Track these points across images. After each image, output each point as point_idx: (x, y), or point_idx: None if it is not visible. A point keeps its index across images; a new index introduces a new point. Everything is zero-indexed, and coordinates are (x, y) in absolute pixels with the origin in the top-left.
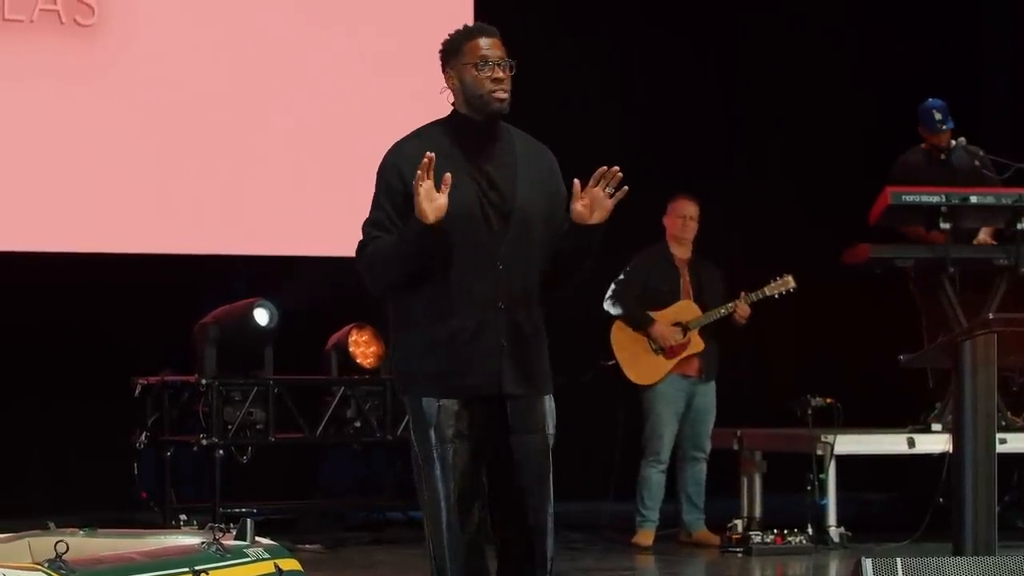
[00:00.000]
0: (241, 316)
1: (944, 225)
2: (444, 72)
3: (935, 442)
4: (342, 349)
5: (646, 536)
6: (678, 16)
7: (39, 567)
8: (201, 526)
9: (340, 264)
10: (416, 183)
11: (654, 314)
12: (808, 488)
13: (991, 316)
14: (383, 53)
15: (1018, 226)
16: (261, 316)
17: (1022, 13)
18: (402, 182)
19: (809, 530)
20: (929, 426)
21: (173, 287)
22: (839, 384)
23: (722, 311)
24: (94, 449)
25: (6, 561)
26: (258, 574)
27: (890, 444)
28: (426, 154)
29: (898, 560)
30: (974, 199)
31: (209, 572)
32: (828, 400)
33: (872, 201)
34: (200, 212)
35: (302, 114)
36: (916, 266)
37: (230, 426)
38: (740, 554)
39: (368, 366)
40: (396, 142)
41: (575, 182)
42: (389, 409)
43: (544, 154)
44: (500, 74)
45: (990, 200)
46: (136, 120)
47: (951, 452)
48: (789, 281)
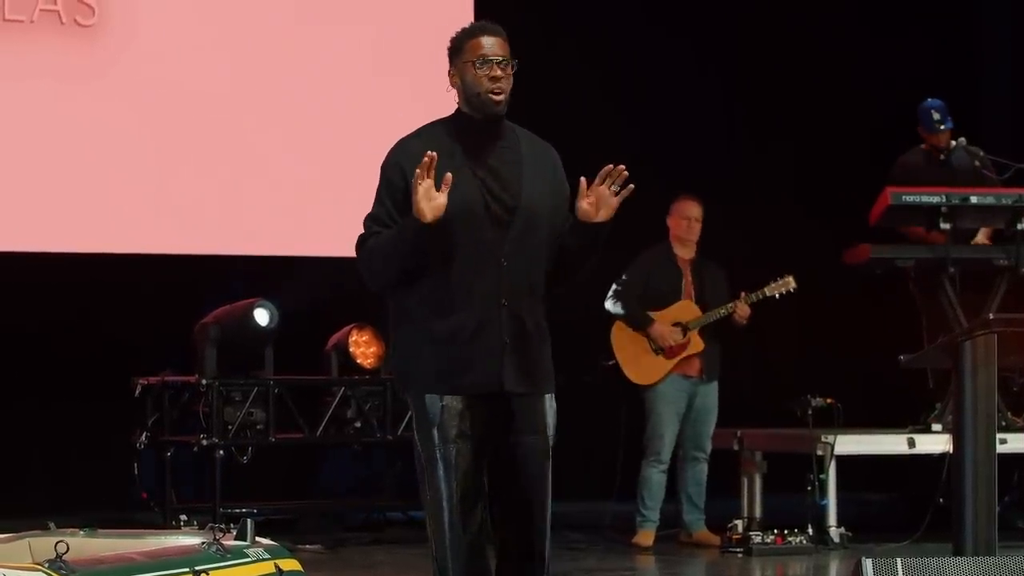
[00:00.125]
0: (241, 316)
1: (944, 225)
2: (449, 70)
3: (935, 442)
4: (342, 349)
5: (646, 536)
6: (678, 16)
7: (39, 567)
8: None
9: (340, 264)
10: (415, 182)
11: (654, 314)
12: (808, 488)
13: (991, 316)
14: (383, 53)
15: (1018, 226)
16: (261, 316)
17: (1022, 13)
18: (404, 179)
19: (809, 530)
20: (929, 426)
21: (173, 287)
22: (839, 384)
23: (722, 311)
24: (94, 449)
25: (6, 561)
26: (258, 574)
27: (890, 444)
28: (427, 153)
29: (898, 560)
30: (974, 199)
31: (209, 572)
32: (828, 400)
33: (872, 201)
34: (200, 212)
35: (302, 114)
36: (916, 266)
37: (230, 426)
38: (740, 554)
39: (368, 366)
40: (400, 139)
41: (581, 180)
42: (389, 409)
43: (548, 152)
44: (498, 73)
45: (990, 200)
46: (136, 120)
47: (951, 452)
48: (790, 282)
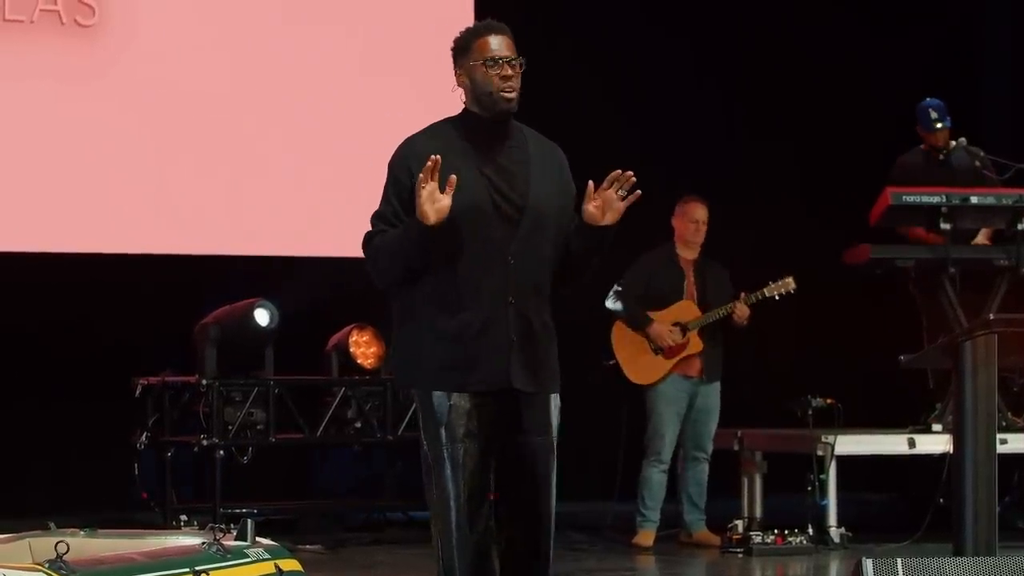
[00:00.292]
0: (242, 316)
1: (944, 226)
2: (455, 70)
3: (935, 443)
4: (343, 350)
5: (646, 536)
6: (678, 16)
7: (40, 567)
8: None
9: (340, 264)
10: (419, 185)
11: (653, 314)
12: (808, 488)
13: (991, 317)
14: (384, 53)
15: (1018, 226)
16: (262, 316)
17: (1022, 13)
18: (410, 178)
19: (809, 530)
20: (929, 427)
21: (174, 287)
22: (839, 384)
23: (721, 312)
24: (94, 449)
25: (7, 561)
26: (259, 574)
27: (890, 444)
28: (431, 157)
29: (898, 560)
30: (974, 199)
31: (210, 572)
32: (828, 400)
33: (872, 201)
34: (200, 212)
35: (302, 114)
36: (916, 266)
37: (230, 426)
38: (740, 554)
39: (369, 367)
40: (408, 137)
41: (589, 184)
42: (389, 409)
43: (555, 152)
44: (508, 72)
45: (990, 200)
46: (136, 120)
47: (951, 453)
48: (789, 283)
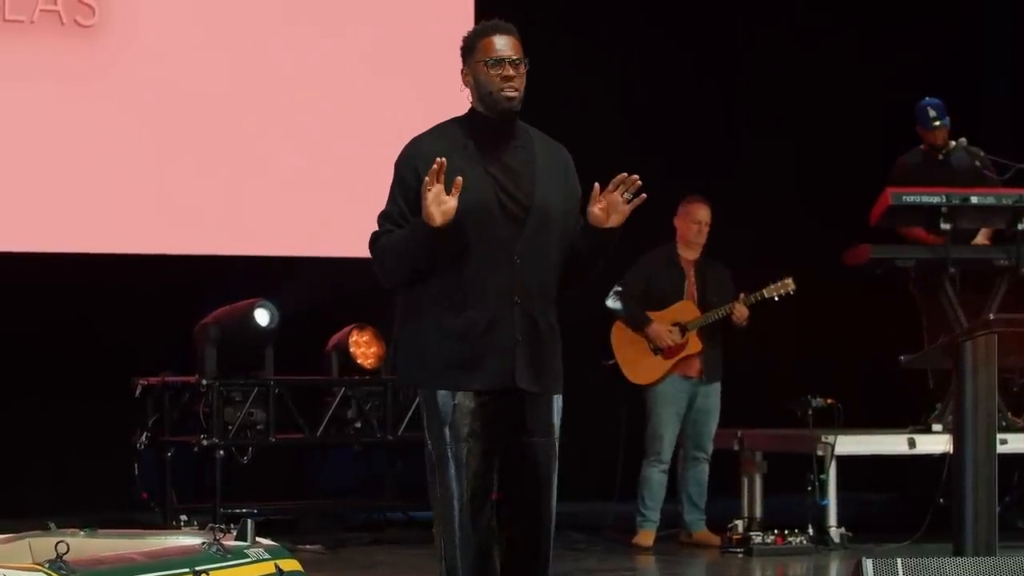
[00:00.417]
0: (242, 316)
1: (945, 226)
2: (462, 69)
3: (936, 443)
4: (343, 350)
5: (646, 536)
6: (678, 16)
7: (40, 567)
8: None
9: (340, 265)
10: (425, 187)
11: (653, 314)
12: (809, 489)
13: (992, 317)
14: (384, 53)
15: (1018, 226)
16: (262, 316)
17: (1022, 13)
18: (417, 178)
19: (810, 531)
20: (930, 427)
21: (174, 287)
22: (839, 385)
23: (720, 312)
24: (94, 449)
25: (7, 562)
26: (259, 575)
27: (891, 445)
28: (436, 159)
29: (899, 560)
30: (975, 200)
31: (210, 572)
32: (828, 400)
33: (873, 201)
34: (200, 212)
35: (302, 114)
36: (917, 267)
37: (230, 426)
38: (741, 554)
39: (369, 367)
40: (414, 137)
41: (595, 185)
42: (390, 410)
43: (561, 152)
44: (510, 72)
45: (990, 201)
46: (136, 120)
47: (951, 453)
48: (789, 284)
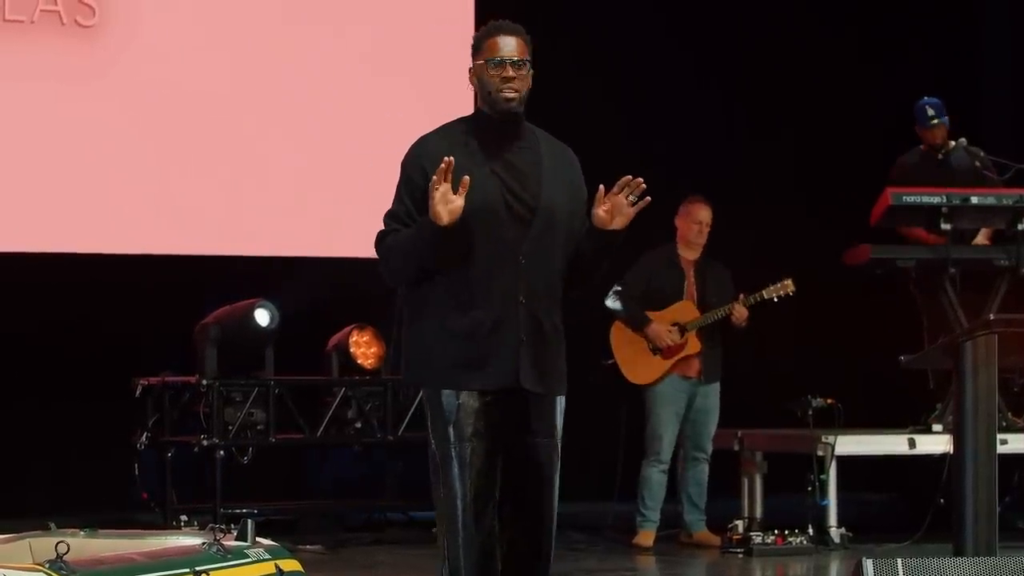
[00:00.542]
0: (242, 317)
1: (945, 226)
2: (469, 68)
3: (936, 443)
4: (343, 350)
5: (646, 537)
6: (679, 16)
7: (40, 568)
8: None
9: (341, 265)
10: (432, 186)
11: (652, 314)
12: (809, 489)
13: (992, 317)
14: (384, 53)
15: (1019, 227)
16: (262, 317)
17: (1022, 14)
18: (424, 178)
19: (810, 531)
20: (930, 427)
21: (174, 287)
22: (840, 385)
23: (719, 313)
24: (95, 449)
25: (7, 562)
26: (259, 575)
27: (891, 445)
28: (444, 159)
29: (899, 561)
30: (975, 200)
31: (210, 573)
32: (829, 401)
33: (873, 202)
34: (201, 213)
35: (303, 115)
36: (917, 267)
37: (231, 427)
38: (741, 555)
39: (369, 367)
40: (421, 136)
41: (600, 187)
42: (390, 410)
43: (567, 154)
44: (510, 73)
45: (991, 201)
46: (137, 121)
47: (952, 453)
48: (788, 285)
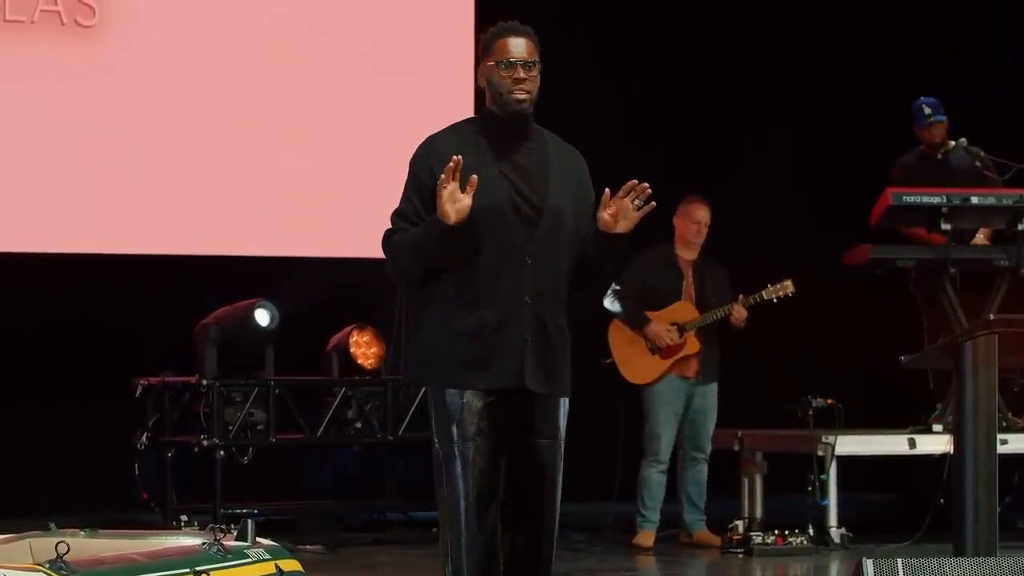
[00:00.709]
0: (242, 317)
1: (945, 226)
2: (477, 69)
3: (936, 443)
4: (343, 350)
5: (647, 537)
6: (679, 16)
7: (40, 568)
8: (202, 527)
9: (341, 265)
10: (440, 185)
11: (651, 314)
12: (809, 489)
13: (992, 317)
14: (384, 54)
15: (1019, 227)
16: (262, 317)
17: (1022, 13)
18: (431, 177)
19: (810, 531)
20: (930, 427)
21: (174, 288)
22: (840, 385)
23: (719, 313)
24: (95, 449)
25: (7, 562)
26: (259, 575)
27: (891, 445)
28: (452, 157)
29: (899, 561)
30: (975, 200)
31: (210, 573)
32: (829, 401)
33: (873, 201)
34: (201, 213)
35: (303, 115)
36: (917, 267)
37: (231, 427)
38: (741, 555)
39: (369, 367)
40: (429, 136)
41: (605, 191)
42: (390, 410)
43: (575, 155)
44: (521, 75)
45: (991, 201)
46: (137, 121)
47: (952, 453)
48: (788, 286)
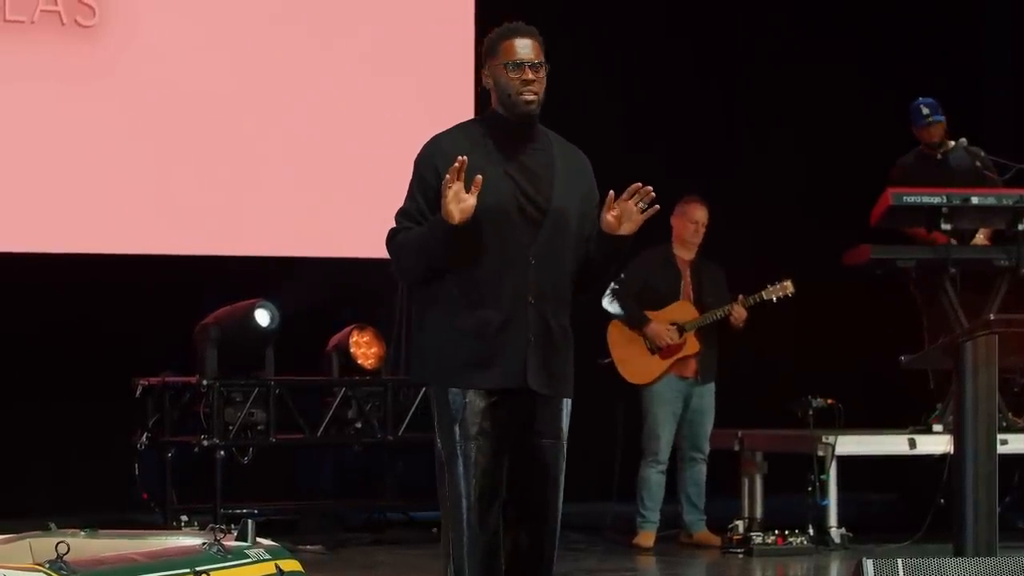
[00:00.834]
0: (242, 317)
1: (945, 226)
2: (482, 70)
3: (936, 443)
4: (343, 350)
5: (647, 537)
6: (679, 16)
7: (40, 568)
8: (202, 527)
9: (340, 264)
10: (445, 185)
11: (651, 314)
12: (809, 489)
13: (992, 317)
14: (384, 53)
15: (1019, 227)
16: (262, 317)
17: (1022, 13)
18: (436, 177)
19: (810, 531)
20: (930, 427)
21: (174, 288)
22: (840, 385)
23: (719, 314)
24: (95, 450)
25: (7, 562)
26: (259, 575)
27: (891, 445)
28: (458, 158)
29: (899, 561)
30: (975, 200)
31: (210, 573)
32: (829, 401)
33: (873, 201)
34: (201, 213)
35: (303, 115)
36: (917, 267)
37: (231, 427)
38: (741, 555)
39: (369, 367)
40: (434, 136)
41: (610, 193)
42: (390, 410)
43: (580, 157)
44: (529, 76)
45: (991, 201)
46: (137, 121)
47: (952, 453)
48: (788, 286)
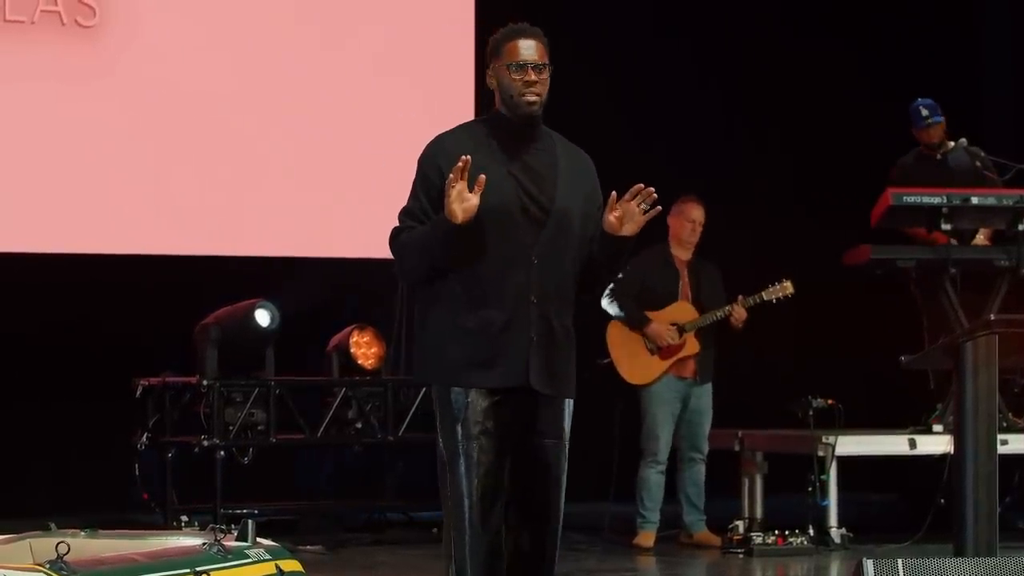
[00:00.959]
0: (242, 317)
1: (945, 226)
2: (486, 71)
3: (936, 443)
4: (343, 350)
5: (647, 537)
6: (679, 16)
7: (40, 568)
8: (202, 527)
9: (340, 264)
10: (448, 184)
11: (651, 314)
12: (809, 489)
13: (992, 317)
14: (384, 53)
15: (1019, 227)
16: (262, 317)
17: (1022, 13)
18: (440, 176)
19: (810, 531)
20: (930, 427)
21: (174, 288)
22: (840, 385)
23: (719, 314)
24: (95, 450)
25: (7, 562)
26: (259, 575)
27: (891, 445)
28: (461, 157)
29: (899, 561)
30: (975, 200)
31: (210, 573)
32: (829, 401)
33: (873, 202)
34: (201, 213)
35: (303, 115)
36: (917, 267)
37: (231, 427)
38: (741, 555)
39: (369, 367)
40: (438, 135)
41: (612, 194)
42: (390, 410)
43: (583, 157)
44: (532, 77)
45: (991, 201)
46: (137, 121)
47: (952, 453)
48: (788, 287)
